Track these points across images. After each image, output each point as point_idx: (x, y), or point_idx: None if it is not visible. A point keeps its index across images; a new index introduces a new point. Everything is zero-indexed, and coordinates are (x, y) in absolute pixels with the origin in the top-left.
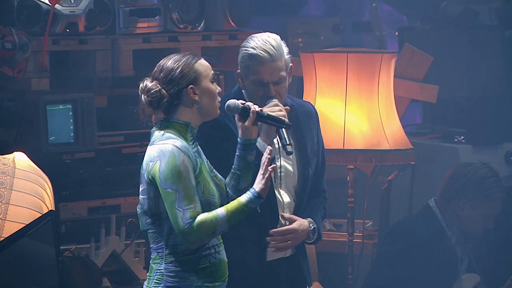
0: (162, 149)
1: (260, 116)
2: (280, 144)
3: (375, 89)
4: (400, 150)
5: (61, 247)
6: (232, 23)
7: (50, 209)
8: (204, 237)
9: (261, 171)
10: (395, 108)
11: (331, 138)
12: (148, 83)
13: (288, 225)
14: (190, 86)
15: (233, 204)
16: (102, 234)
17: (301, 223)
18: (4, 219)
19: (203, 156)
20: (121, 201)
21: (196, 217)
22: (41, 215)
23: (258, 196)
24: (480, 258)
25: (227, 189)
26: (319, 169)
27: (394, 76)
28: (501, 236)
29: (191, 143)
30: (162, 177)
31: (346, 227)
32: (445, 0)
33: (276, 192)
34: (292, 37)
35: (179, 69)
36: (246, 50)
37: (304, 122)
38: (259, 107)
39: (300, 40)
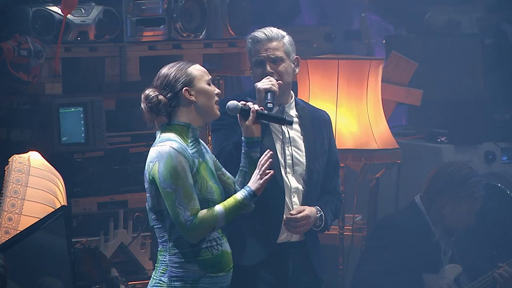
0: (160, 150)
1: (260, 114)
2: (289, 135)
3: (364, 93)
4: (387, 150)
5: (72, 240)
6: (232, 32)
7: (62, 204)
8: (204, 232)
9: (258, 171)
10: (382, 110)
11: None
12: (147, 91)
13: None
14: (185, 88)
15: (230, 201)
16: (110, 227)
17: (311, 210)
18: (20, 214)
19: (206, 156)
20: (129, 197)
21: (196, 214)
22: (54, 210)
23: (253, 194)
24: (462, 250)
25: (236, 186)
26: (331, 169)
27: (382, 81)
28: (482, 230)
29: (191, 144)
30: (162, 178)
31: (337, 221)
32: (429, 11)
33: (285, 177)
34: None
35: (173, 74)
36: (249, 37)
37: (315, 124)
38: (259, 106)
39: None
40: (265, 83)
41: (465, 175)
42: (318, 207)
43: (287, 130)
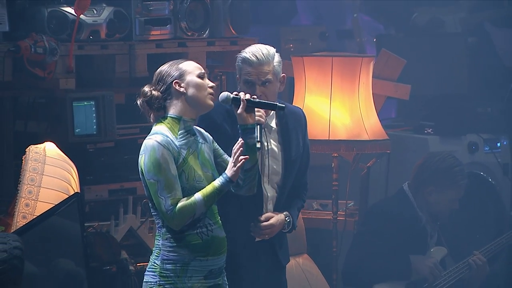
0: (146, 144)
1: (251, 102)
2: (268, 147)
3: (356, 88)
4: (377, 141)
5: (85, 224)
6: (233, 31)
7: (76, 191)
8: (185, 220)
9: (232, 160)
10: (373, 104)
11: (318, 130)
12: (143, 88)
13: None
14: (175, 81)
15: (208, 189)
16: (120, 213)
17: (278, 218)
18: (36, 200)
19: (202, 146)
20: (137, 185)
21: (176, 203)
22: (68, 196)
23: (229, 180)
24: (447, 234)
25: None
26: (303, 166)
27: (372, 77)
28: (465, 215)
29: (180, 136)
30: (146, 169)
31: (331, 206)
32: (415, 12)
33: (263, 187)
34: (285, 43)
35: (165, 69)
36: (241, 54)
37: (292, 126)
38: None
39: (291, 46)
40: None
41: (450, 164)
42: (287, 213)
43: (267, 143)
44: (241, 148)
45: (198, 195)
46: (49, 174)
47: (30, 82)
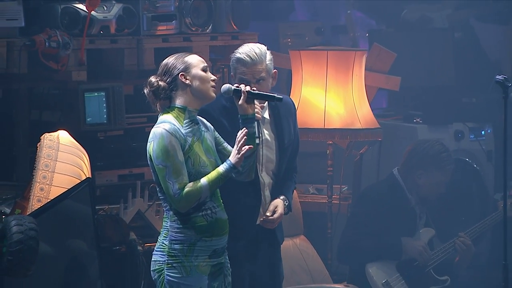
0: (155, 132)
1: (251, 94)
2: (262, 138)
3: (349, 80)
4: (369, 129)
5: (96, 207)
6: (234, 26)
7: (87, 176)
8: (192, 203)
9: (236, 147)
10: (365, 95)
11: (314, 119)
12: (149, 78)
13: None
14: (181, 73)
15: (213, 174)
16: (129, 196)
17: (281, 206)
18: (51, 185)
19: (205, 134)
20: (145, 170)
21: (183, 187)
22: (80, 181)
23: (233, 166)
24: (435, 216)
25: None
26: (294, 152)
27: (365, 69)
28: (452, 198)
29: (186, 125)
30: (155, 156)
31: (326, 191)
32: (405, 9)
33: (259, 175)
34: (283, 38)
35: (171, 62)
36: (234, 54)
37: (283, 114)
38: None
39: (289, 40)
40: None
41: (438, 150)
42: (284, 197)
43: (261, 134)
44: (245, 137)
45: (203, 180)
46: (62, 160)
47: (44, 74)
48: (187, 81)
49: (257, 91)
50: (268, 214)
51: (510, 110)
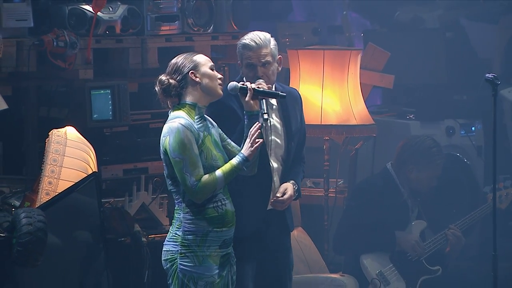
0: (171, 126)
1: (257, 91)
2: (271, 124)
3: (345, 78)
4: (364, 125)
5: (102, 200)
6: (235, 26)
7: (94, 170)
8: (207, 194)
9: (249, 140)
10: (360, 92)
11: (311, 115)
12: (160, 77)
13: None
14: (191, 71)
15: (227, 167)
16: (134, 190)
17: (291, 188)
18: (59, 179)
19: (212, 130)
20: (149, 165)
21: (200, 179)
22: (86, 175)
23: (246, 159)
24: (427, 208)
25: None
26: (301, 142)
27: (360, 68)
28: (443, 192)
29: (197, 120)
30: (171, 149)
31: (323, 184)
32: (398, 10)
33: (269, 159)
34: (281, 37)
35: (181, 61)
36: (240, 42)
37: (290, 104)
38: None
39: (287, 40)
40: (260, 87)
41: (428, 145)
42: (293, 182)
43: (269, 120)
44: (258, 131)
45: (218, 172)
46: (70, 155)
47: (52, 73)
48: (197, 79)
49: (262, 89)
50: (278, 195)
51: (499, 107)
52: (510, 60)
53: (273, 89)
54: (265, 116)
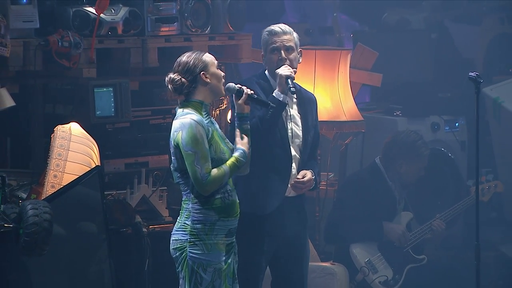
0: (183, 121)
1: (250, 97)
2: (290, 113)
3: (335, 76)
4: (354, 121)
5: (105, 193)
6: (231, 28)
7: (97, 164)
8: (216, 186)
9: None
10: (350, 90)
11: None
12: (171, 75)
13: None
14: (202, 72)
15: (232, 160)
16: (135, 183)
17: (310, 174)
18: (63, 172)
19: (216, 125)
20: (149, 159)
21: (210, 172)
22: (90, 169)
23: (243, 151)
24: (413, 201)
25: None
26: (315, 141)
27: (350, 67)
28: (429, 185)
29: (205, 116)
30: (184, 143)
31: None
32: (386, 12)
33: (290, 145)
34: None
35: (192, 61)
36: (266, 30)
37: (307, 103)
38: (279, 89)
39: None
40: (285, 71)
41: (413, 139)
42: (312, 171)
43: (289, 109)
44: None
45: (225, 166)
46: (74, 150)
47: (57, 71)
48: (207, 79)
49: (256, 97)
50: (299, 177)
51: (481, 104)
52: (492, 60)
53: (293, 87)
54: (293, 89)
